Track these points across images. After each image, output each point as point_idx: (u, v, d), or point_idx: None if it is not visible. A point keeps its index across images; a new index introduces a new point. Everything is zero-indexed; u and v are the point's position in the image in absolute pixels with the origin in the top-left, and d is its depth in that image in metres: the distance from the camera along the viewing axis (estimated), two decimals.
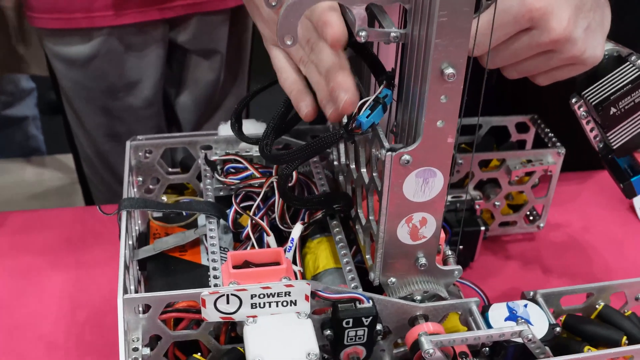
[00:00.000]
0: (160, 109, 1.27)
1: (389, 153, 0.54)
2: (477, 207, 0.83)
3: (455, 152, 0.79)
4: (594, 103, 0.66)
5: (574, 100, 0.68)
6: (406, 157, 0.54)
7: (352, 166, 0.67)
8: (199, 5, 1.17)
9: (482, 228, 0.81)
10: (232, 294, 0.57)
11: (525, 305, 0.64)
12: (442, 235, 0.63)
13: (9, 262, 0.85)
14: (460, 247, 0.80)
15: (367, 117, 0.57)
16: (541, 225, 0.87)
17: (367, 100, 0.58)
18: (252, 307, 0.58)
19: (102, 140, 1.25)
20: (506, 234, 0.88)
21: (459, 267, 0.63)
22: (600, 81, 0.66)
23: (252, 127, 0.78)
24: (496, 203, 0.84)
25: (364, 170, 0.64)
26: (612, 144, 0.68)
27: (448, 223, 0.79)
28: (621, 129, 0.67)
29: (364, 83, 0.66)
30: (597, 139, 0.70)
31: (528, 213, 0.88)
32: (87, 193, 1.39)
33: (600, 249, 0.89)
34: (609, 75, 0.66)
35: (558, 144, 0.82)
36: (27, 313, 0.78)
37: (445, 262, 0.66)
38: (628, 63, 0.66)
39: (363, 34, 0.53)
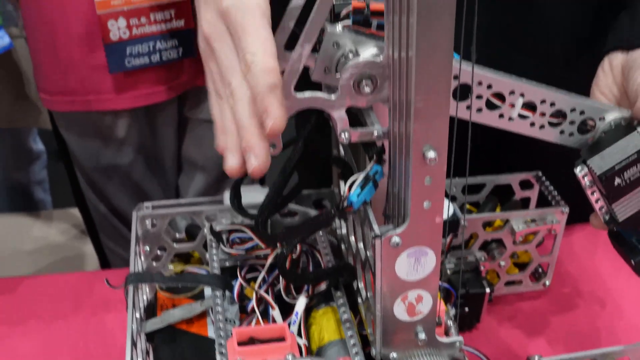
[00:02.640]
0: (174, 173, 1.30)
1: (378, 237, 0.55)
2: (482, 268, 0.83)
3: (463, 214, 0.79)
4: (598, 173, 0.64)
5: (578, 169, 0.66)
6: (396, 239, 0.55)
7: (352, 238, 0.68)
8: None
9: (487, 290, 0.81)
10: None
11: None
12: (442, 307, 0.63)
13: (20, 328, 0.87)
14: (466, 309, 0.81)
15: (358, 195, 0.58)
16: (547, 283, 0.87)
17: (357, 178, 0.59)
18: None
19: (113, 197, 1.28)
20: (512, 293, 0.88)
21: (460, 338, 0.63)
22: (606, 150, 0.64)
23: (256, 195, 0.79)
24: (501, 263, 0.84)
25: (360, 245, 0.65)
26: (618, 216, 0.66)
27: (453, 285, 0.79)
28: (627, 200, 0.65)
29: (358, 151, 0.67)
30: (603, 210, 0.67)
31: (533, 271, 0.88)
32: (97, 242, 1.42)
33: (607, 306, 0.88)
34: (614, 144, 0.64)
35: (562, 202, 0.83)
36: None
37: (447, 333, 0.67)
38: (635, 132, 0.64)
39: (345, 135, 0.55)
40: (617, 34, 0.75)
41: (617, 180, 0.64)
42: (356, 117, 0.57)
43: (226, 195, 0.81)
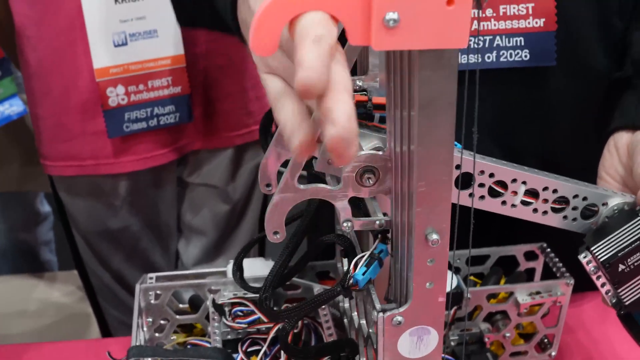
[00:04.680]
0: (173, 237, 1.30)
1: (381, 315, 0.55)
2: (486, 339, 0.83)
3: (466, 286, 0.79)
4: (601, 260, 0.64)
5: (582, 255, 0.67)
6: (398, 318, 0.55)
7: (354, 314, 0.68)
8: (204, 142, 1.21)
9: None
10: None
11: None
12: None
13: None
14: None
15: (363, 274, 0.58)
16: (553, 354, 0.86)
17: (362, 257, 0.59)
18: None
19: (111, 261, 1.28)
20: None
21: None
22: (609, 236, 0.65)
23: (259, 268, 0.79)
24: (506, 334, 0.83)
25: (363, 321, 0.64)
26: (625, 300, 0.66)
27: (457, 358, 0.79)
28: (632, 285, 0.65)
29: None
30: (609, 294, 0.67)
31: (539, 341, 0.87)
32: (97, 306, 1.41)
33: None
34: (617, 231, 0.64)
35: (567, 274, 0.82)
36: None
37: None
38: (638, 218, 0.64)
39: (348, 225, 0.55)
40: (623, 114, 0.76)
41: (621, 267, 0.64)
42: (357, 204, 0.58)
43: (229, 268, 0.81)
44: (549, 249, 0.86)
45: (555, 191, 0.65)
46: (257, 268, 0.79)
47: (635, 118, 0.74)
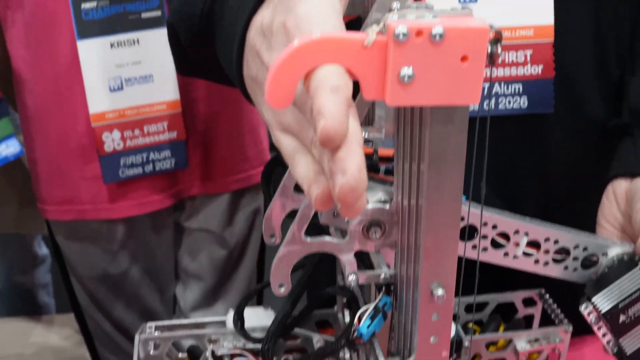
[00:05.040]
0: (171, 282, 1.30)
1: None
2: None
3: (466, 334, 0.79)
4: (602, 311, 0.65)
5: (583, 306, 0.68)
6: None
7: None
8: (201, 187, 1.22)
9: None
10: None
11: None
12: None
13: None
14: None
15: (368, 327, 0.58)
16: None
17: (367, 309, 0.59)
18: None
19: (108, 306, 1.27)
20: None
21: None
22: (609, 287, 0.65)
23: (260, 318, 0.79)
24: None
25: None
26: (626, 350, 0.67)
27: None
28: (633, 335, 0.66)
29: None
30: (610, 344, 0.68)
31: None
32: (93, 350, 1.40)
33: None
34: (617, 281, 0.65)
35: (565, 321, 0.82)
36: None
37: None
38: (637, 268, 0.65)
39: (353, 278, 0.55)
40: (621, 161, 0.77)
41: (622, 318, 0.65)
42: (361, 256, 0.58)
43: (229, 317, 0.81)
44: (547, 295, 0.86)
45: (556, 242, 0.65)
46: (257, 318, 0.78)
47: (634, 166, 0.75)
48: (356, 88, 0.43)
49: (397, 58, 0.40)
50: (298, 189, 0.59)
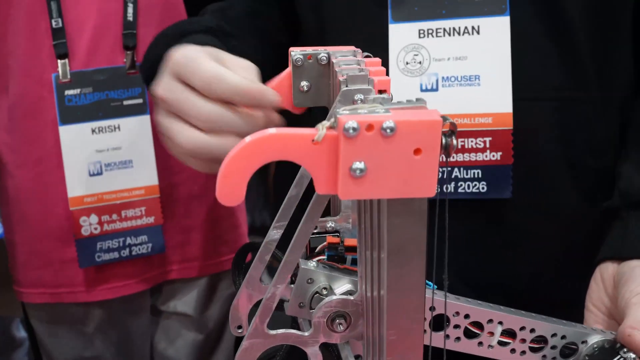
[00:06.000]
0: None
1: None
2: None
3: None
4: None
5: None
6: None
7: None
8: (178, 272, 1.21)
9: None
10: None
11: None
12: None
13: None
14: None
15: None
16: None
17: None
18: None
19: None
20: None
21: None
22: None
23: None
24: None
25: None
26: None
27: None
28: None
29: None
30: None
31: None
32: None
33: None
34: None
35: None
36: None
37: None
38: (619, 357, 0.64)
39: None
40: (609, 245, 0.76)
41: None
42: (329, 347, 0.57)
43: None
44: None
45: (532, 330, 0.64)
46: None
47: (622, 249, 0.75)
48: None
49: (348, 152, 0.40)
50: (264, 279, 0.59)
